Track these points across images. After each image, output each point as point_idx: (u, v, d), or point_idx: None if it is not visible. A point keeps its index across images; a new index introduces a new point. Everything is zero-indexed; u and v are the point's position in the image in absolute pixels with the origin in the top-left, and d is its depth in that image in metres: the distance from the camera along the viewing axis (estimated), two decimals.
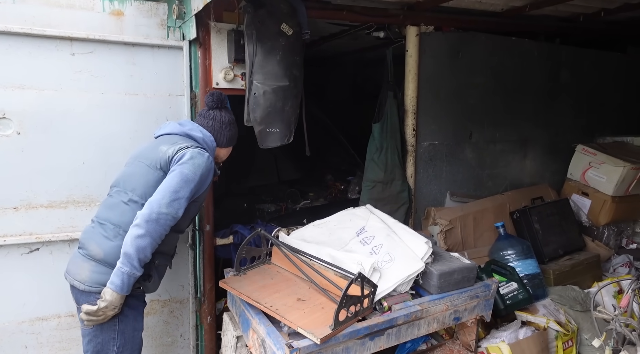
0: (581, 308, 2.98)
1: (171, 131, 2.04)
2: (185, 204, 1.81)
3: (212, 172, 1.93)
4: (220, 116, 2.10)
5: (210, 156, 1.92)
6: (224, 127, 2.10)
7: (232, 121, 2.14)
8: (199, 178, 1.83)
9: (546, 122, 3.90)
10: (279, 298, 2.07)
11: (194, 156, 1.84)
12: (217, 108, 2.11)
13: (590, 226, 3.75)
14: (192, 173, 1.81)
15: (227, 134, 2.12)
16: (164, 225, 1.75)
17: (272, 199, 4.62)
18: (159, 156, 1.88)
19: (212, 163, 1.93)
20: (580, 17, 3.71)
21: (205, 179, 1.89)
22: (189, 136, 2.00)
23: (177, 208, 1.78)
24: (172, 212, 1.76)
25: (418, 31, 3.10)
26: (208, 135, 2.04)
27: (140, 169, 1.90)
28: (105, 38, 2.25)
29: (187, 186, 1.80)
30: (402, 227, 2.51)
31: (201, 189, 1.91)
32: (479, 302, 2.38)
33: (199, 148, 1.90)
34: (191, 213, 1.98)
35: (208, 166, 1.88)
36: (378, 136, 3.01)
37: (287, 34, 2.35)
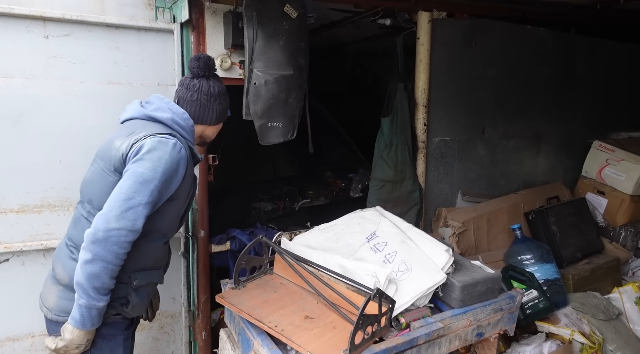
0: (604, 316, 2.78)
1: (132, 115, 1.62)
2: (146, 212, 1.42)
3: (183, 162, 1.52)
4: (208, 87, 1.68)
5: (178, 142, 1.51)
6: (212, 100, 1.69)
7: (222, 92, 1.73)
8: (162, 175, 1.45)
9: (560, 117, 3.69)
10: (285, 316, 1.83)
11: (153, 148, 1.45)
12: (203, 76, 1.69)
13: (606, 227, 3.55)
14: (151, 170, 1.43)
15: (216, 108, 1.71)
16: (119, 243, 1.38)
17: (268, 197, 4.37)
18: (111, 155, 1.50)
19: (182, 151, 1.51)
20: (597, 4, 3.50)
21: (174, 173, 1.50)
22: (153, 119, 1.59)
23: (133, 219, 1.39)
24: (127, 226, 1.38)
25: (430, 17, 2.85)
26: (180, 113, 1.61)
27: (97, 174, 1.54)
28: (84, 19, 1.97)
29: (145, 189, 1.41)
30: (417, 232, 2.28)
31: (171, 186, 1.52)
32: (502, 315, 2.16)
33: (160, 136, 1.49)
34: (172, 215, 1.62)
35: (174, 157, 1.48)
36: (387, 131, 2.76)
37: (291, 16, 2.09)
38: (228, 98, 1.77)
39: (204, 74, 1.69)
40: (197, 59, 1.68)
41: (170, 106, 1.62)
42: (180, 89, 1.71)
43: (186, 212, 1.73)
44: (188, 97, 1.68)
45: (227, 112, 1.80)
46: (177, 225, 1.70)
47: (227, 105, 1.78)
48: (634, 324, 2.97)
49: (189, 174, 1.59)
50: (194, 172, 1.66)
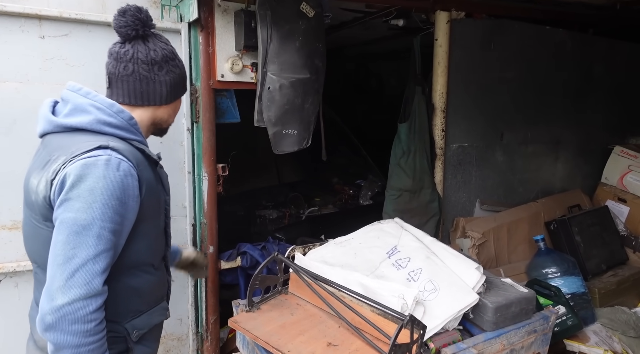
0: (635, 333, 2.63)
1: (43, 128, 1.19)
2: (102, 266, 1.07)
3: (131, 178, 1.11)
4: (147, 51, 1.20)
5: (113, 154, 1.09)
6: (156, 68, 1.21)
7: (168, 55, 1.25)
8: (104, 209, 1.06)
9: (578, 121, 3.55)
10: (305, 343, 1.67)
11: (78, 178, 1.05)
12: (137, 37, 1.21)
13: (627, 236, 3.40)
14: (84, 211, 1.05)
15: (164, 79, 1.23)
16: (78, 319, 1.03)
17: (273, 204, 4.21)
18: (32, 200, 1.14)
19: (123, 164, 1.10)
20: (617, 4, 3.38)
21: (124, 199, 1.10)
22: (70, 128, 1.15)
23: (86, 283, 1.04)
24: (80, 295, 1.03)
25: (449, 17, 2.71)
26: (107, 106, 1.17)
27: (29, 226, 1.19)
28: (83, 17, 1.81)
29: (86, 238, 1.04)
30: (442, 247, 2.12)
31: (127, 215, 1.12)
32: (536, 337, 2.01)
33: (84, 156, 1.07)
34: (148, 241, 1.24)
35: (113, 179, 1.07)
36: (405, 137, 2.61)
37: (308, 15, 1.94)
38: (181, 63, 1.31)
39: (137, 34, 1.20)
40: (122, 13, 1.19)
41: (92, 98, 1.17)
42: (110, 61, 1.22)
43: (167, 225, 1.38)
44: (120, 72, 1.20)
45: (183, 84, 1.32)
46: (162, 244, 1.35)
47: (182, 73, 1.31)
48: None
49: (150, 185, 1.19)
50: (158, 175, 1.27)
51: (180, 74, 1.31)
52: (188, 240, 2.11)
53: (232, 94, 2.13)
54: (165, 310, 1.39)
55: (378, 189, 3.87)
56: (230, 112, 2.13)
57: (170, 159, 2.01)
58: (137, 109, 1.25)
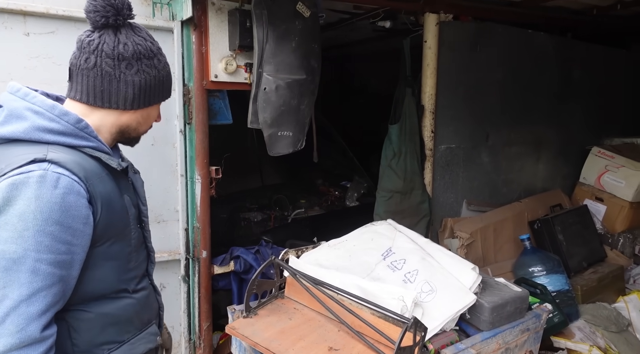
0: (616, 328, 2.72)
1: None
2: (41, 306, 0.89)
3: (75, 196, 0.93)
4: (114, 44, 1.00)
5: (50, 168, 0.91)
6: (122, 66, 1.01)
7: (142, 52, 1.04)
8: (39, 238, 0.88)
9: (558, 122, 3.65)
10: (306, 348, 1.64)
11: (5, 200, 0.88)
12: (106, 26, 1.01)
13: (604, 234, 3.52)
14: (15, 240, 0.87)
15: (132, 81, 1.03)
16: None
17: (257, 207, 4.16)
18: None
19: (63, 180, 0.91)
20: (594, 10, 3.50)
21: (67, 221, 0.91)
22: (5, 140, 0.97)
23: (19, 329, 0.87)
24: (12, 344, 0.86)
25: (438, 20, 2.73)
26: (47, 109, 0.98)
27: None
28: (71, 14, 1.74)
29: (19, 274, 0.87)
30: (437, 248, 2.14)
31: (76, 239, 0.94)
32: (529, 335, 2.04)
33: (12, 174, 0.90)
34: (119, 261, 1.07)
35: (50, 199, 0.89)
36: (396, 139, 2.62)
37: (304, 15, 1.91)
38: (162, 64, 1.09)
39: (107, 23, 1.00)
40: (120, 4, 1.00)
41: (30, 101, 0.99)
42: (73, 52, 1.04)
43: (146, 239, 1.20)
44: (82, 64, 1.00)
45: (161, 89, 1.10)
46: (141, 263, 1.17)
47: (160, 76, 1.08)
48: None
49: (106, 202, 1.00)
50: (122, 187, 1.08)
51: (157, 77, 1.07)
52: (181, 245, 2.05)
53: (225, 95, 2.09)
54: (155, 336, 1.20)
55: (364, 191, 3.88)
56: (222, 114, 2.08)
57: (162, 161, 1.95)
58: (98, 111, 1.05)
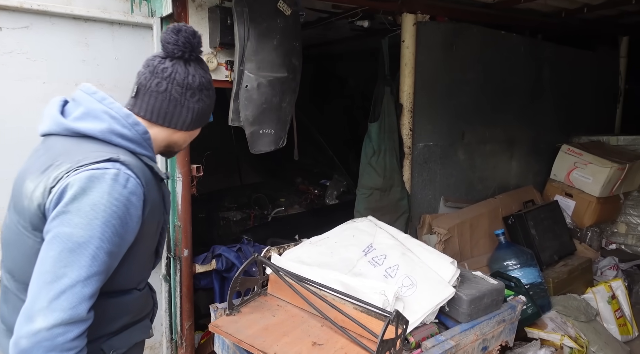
0: (585, 318, 2.84)
1: (49, 127, 1.09)
2: (91, 289, 0.98)
3: (136, 197, 1.03)
4: (185, 75, 1.13)
5: (122, 169, 1.02)
6: (189, 94, 1.15)
7: (205, 84, 1.19)
8: (104, 228, 0.98)
9: (530, 121, 3.78)
10: (290, 344, 1.65)
11: (82, 191, 0.97)
12: (181, 58, 1.14)
13: (574, 228, 3.67)
14: (83, 228, 0.96)
15: (194, 107, 1.17)
16: (56, 347, 0.93)
17: (236, 206, 4.14)
18: (24, 205, 1.02)
19: (131, 181, 1.02)
20: (562, 12, 3.63)
21: (125, 218, 1.01)
22: (78, 134, 1.06)
23: (71, 307, 0.94)
24: (62, 319, 0.93)
25: (415, 20, 2.78)
26: (123, 117, 1.09)
27: (12, 232, 1.07)
28: (46, 9, 1.69)
29: (80, 258, 0.96)
30: (417, 243, 2.18)
31: (127, 235, 1.04)
32: (505, 326, 2.11)
33: (91, 167, 0.99)
34: (141, 260, 1.18)
35: (119, 196, 1.00)
36: (375, 136, 2.66)
37: (285, 13, 1.92)
38: (213, 94, 1.25)
39: (183, 56, 1.13)
40: (176, 31, 1.11)
41: (108, 105, 1.09)
42: (144, 72, 1.14)
43: (160, 244, 1.30)
44: (153, 86, 1.12)
45: (209, 115, 1.27)
46: (150, 266, 1.29)
47: (211, 104, 1.25)
48: (607, 323, 3.06)
49: (152, 207, 1.11)
50: (162, 193, 1.19)
51: (210, 105, 1.24)
52: None
53: None
54: (148, 328, 1.29)
55: (344, 189, 3.91)
56: None
57: None
58: (155, 127, 1.17)
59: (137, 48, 1.88)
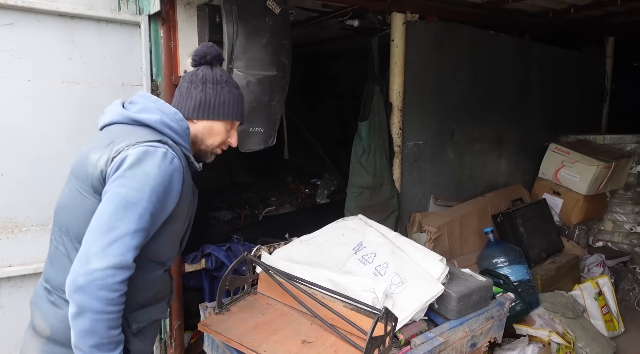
0: (572, 314, 2.87)
1: (112, 118, 1.33)
2: (136, 242, 1.15)
3: (178, 174, 1.23)
4: (213, 75, 1.38)
5: (170, 150, 1.22)
6: (192, 87, 1.37)
7: (206, 78, 1.38)
8: (151, 194, 1.17)
9: (518, 120, 3.81)
10: (280, 342, 1.66)
11: (137, 160, 1.17)
12: (206, 64, 1.39)
13: (562, 226, 3.71)
14: (136, 190, 1.15)
15: (195, 96, 1.36)
16: (106, 286, 1.09)
17: (226, 205, 4.12)
18: (88, 172, 1.21)
19: (175, 160, 1.23)
20: (550, 13, 3.68)
21: (168, 190, 1.21)
22: (138, 122, 1.30)
23: (121, 254, 1.12)
24: (113, 263, 1.10)
25: (404, 19, 2.80)
26: (172, 113, 1.32)
27: (72, 196, 1.26)
28: (31, 5, 1.67)
29: (131, 214, 1.14)
30: (406, 241, 2.19)
31: (166, 206, 1.22)
32: (493, 323, 2.13)
33: (147, 144, 1.20)
34: (171, 239, 1.35)
35: (165, 170, 1.19)
36: (365, 135, 2.66)
37: (274, 11, 1.92)
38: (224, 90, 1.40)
39: (206, 61, 1.40)
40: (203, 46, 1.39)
41: (160, 105, 1.33)
42: (181, 86, 1.40)
43: (187, 232, 1.45)
44: (186, 94, 1.37)
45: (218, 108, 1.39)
46: (178, 249, 1.44)
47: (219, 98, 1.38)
48: (594, 319, 3.11)
49: (186, 188, 1.30)
50: (192, 184, 1.37)
51: (217, 98, 1.38)
52: None
53: None
54: (165, 310, 1.43)
55: (334, 188, 3.92)
56: None
57: None
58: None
59: (124, 46, 1.86)
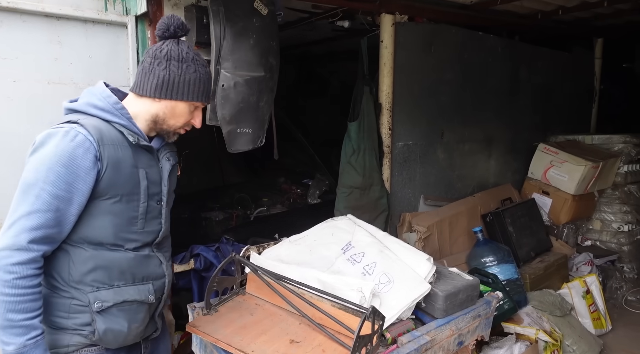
0: (560, 312, 2.90)
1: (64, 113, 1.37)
2: (34, 224, 1.15)
3: (83, 151, 1.19)
4: (156, 47, 1.31)
5: (74, 129, 1.19)
6: (155, 63, 1.29)
7: (172, 55, 1.29)
8: (48, 173, 1.16)
9: (507, 121, 3.85)
10: (268, 342, 1.66)
11: (39, 144, 1.19)
12: (171, 37, 1.31)
13: (551, 225, 3.75)
14: (32, 172, 1.17)
15: (159, 74, 1.28)
16: (1, 267, 1.13)
17: (218, 206, 4.12)
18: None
19: (79, 137, 1.19)
20: (538, 14, 3.71)
21: (71, 168, 1.17)
22: (69, 110, 1.31)
23: (14, 236, 1.14)
24: (7, 244, 1.13)
25: (393, 20, 2.81)
26: (99, 92, 1.30)
27: None
28: (16, 6, 1.66)
29: (27, 196, 1.15)
30: (394, 241, 2.21)
31: (76, 184, 1.19)
32: (480, 321, 2.15)
33: (53, 127, 1.22)
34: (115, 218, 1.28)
35: (64, 148, 1.17)
36: (355, 136, 2.68)
37: (261, 13, 1.93)
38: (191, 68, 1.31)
39: (163, 35, 1.31)
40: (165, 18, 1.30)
41: (92, 88, 1.33)
42: (145, 59, 1.32)
43: (160, 213, 1.42)
44: (155, 68, 1.29)
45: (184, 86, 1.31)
46: (140, 228, 1.36)
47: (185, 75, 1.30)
48: (582, 317, 3.14)
49: (114, 165, 1.25)
50: (138, 159, 1.30)
51: (182, 76, 1.30)
52: None
53: None
54: (145, 292, 1.38)
55: (326, 188, 3.93)
56: None
57: None
58: (140, 99, 1.33)
59: (111, 47, 1.86)
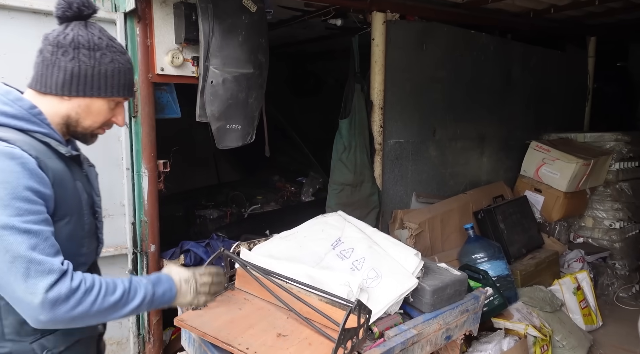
0: (550, 308, 2.93)
1: None
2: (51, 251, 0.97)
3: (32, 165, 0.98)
4: (58, 32, 1.06)
5: (6, 143, 0.97)
6: (59, 53, 1.04)
7: (80, 42, 1.05)
8: (18, 205, 0.94)
9: (500, 119, 3.86)
10: (255, 336, 1.68)
11: None
12: (76, 19, 1.07)
13: (543, 222, 3.77)
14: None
15: (65, 66, 1.04)
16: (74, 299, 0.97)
17: (213, 204, 4.14)
18: None
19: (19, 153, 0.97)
20: (530, 13, 3.73)
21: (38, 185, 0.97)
22: None
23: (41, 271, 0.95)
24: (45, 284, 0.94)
25: (385, 18, 2.83)
26: (2, 93, 1.04)
27: None
28: (4, 2, 1.68)
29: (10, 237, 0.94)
30: (384, 236, 2.23)
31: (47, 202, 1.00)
32: (468, 316, 2.17)
33: None
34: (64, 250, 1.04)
35: (15, 169, 0.96)
36: (346, 133, 2.69)
37: (250, 10, 1.94)
38: (107, 56, 1.08)
39: (64, 14, 1.06)
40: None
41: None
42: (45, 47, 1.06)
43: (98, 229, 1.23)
44: (60, 58, 1.04)
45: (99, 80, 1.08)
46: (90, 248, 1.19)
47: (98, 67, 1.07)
48: (572, 313, 3.17)
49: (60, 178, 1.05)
50: (73, 173, 1.10)
51: (96, 68, 1.07)
52: (127, 239, 2.03)
53: (172, 88, 2.08)
54: (93, 327, 1.20)
55: (320, 186, 3.95)
56: (170, 107, 2.07)
57: (105, 154, 1.92)
58: (43, 97, 1.08)
59: None
